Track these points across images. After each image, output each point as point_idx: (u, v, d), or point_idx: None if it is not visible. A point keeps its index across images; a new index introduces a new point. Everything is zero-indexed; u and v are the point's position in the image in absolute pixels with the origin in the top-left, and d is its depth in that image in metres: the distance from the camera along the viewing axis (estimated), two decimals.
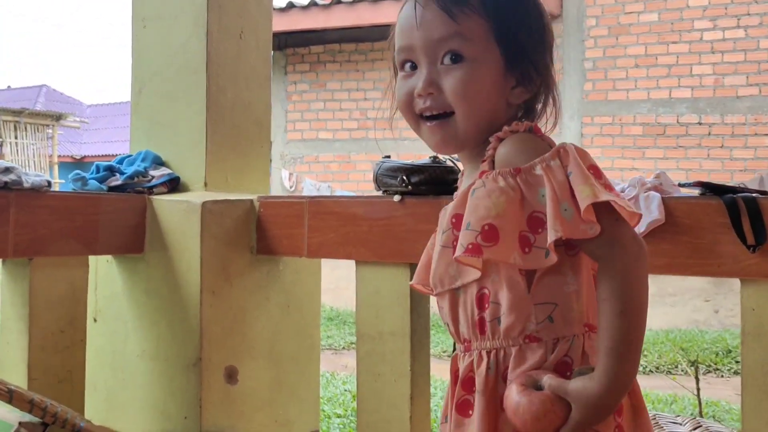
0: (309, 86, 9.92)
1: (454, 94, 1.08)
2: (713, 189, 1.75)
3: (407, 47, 1.12)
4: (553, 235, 0.96)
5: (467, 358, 1.08)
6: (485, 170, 1.06)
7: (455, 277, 1.08)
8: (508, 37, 1.09)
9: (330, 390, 4.79)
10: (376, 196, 2.11)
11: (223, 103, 2.37)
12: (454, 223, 1.07)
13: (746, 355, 1.68)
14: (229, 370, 2.24)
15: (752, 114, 7.82)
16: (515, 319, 1.03)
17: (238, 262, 2.25)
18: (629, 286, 0.96)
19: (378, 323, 2.10)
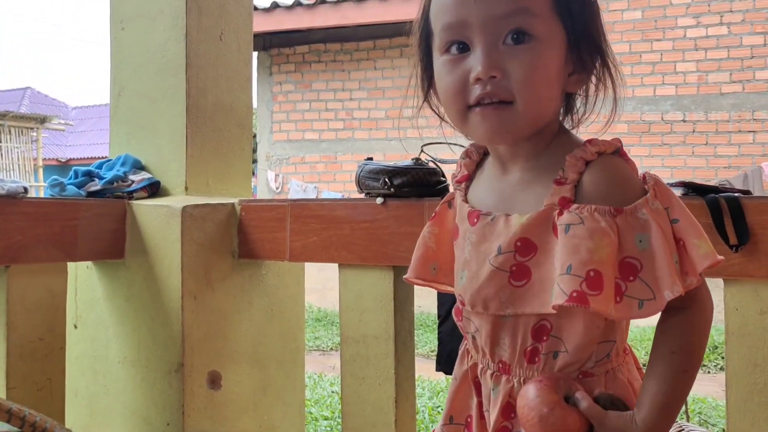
0: (294, 87, 9.88)
1: (520, 80, 0.93)
2: (696, 189, 1.74)
3: (458, 24, 0.95)
4: (674, 292, 0.89)
5: (506, 384, 1.01)
6: (567, 198, 0.94)
7: (506, 304, 0.98)
8: (572, 13, 0.96)
9: (317, 392, 4.77)
10: (359, 199, 2.09)
11: (203, 106, 2.34)
12: (519, 247, 0.96)
13: (730, 354, 1.68)
14: (212, 375, 2.21)
15: (736, 111, 7.85)
16: (578, 358, 0.98)
17: (220, 267, 2.23)
18: (699, 345, 0.94)
19: (361, 326, 2.08)
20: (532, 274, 0.96)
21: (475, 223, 1.02)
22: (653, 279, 0.89)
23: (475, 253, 1.01)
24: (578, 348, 0.97)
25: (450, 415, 1.11)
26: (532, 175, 1.00)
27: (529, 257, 0.95)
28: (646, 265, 0.90)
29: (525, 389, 0.96)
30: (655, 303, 0.89)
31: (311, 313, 8.36)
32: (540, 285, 0.95)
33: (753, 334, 1.64)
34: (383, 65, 9.28)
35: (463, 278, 1.04)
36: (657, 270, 0.89)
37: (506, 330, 1.00)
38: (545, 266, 0.94)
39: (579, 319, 0.96)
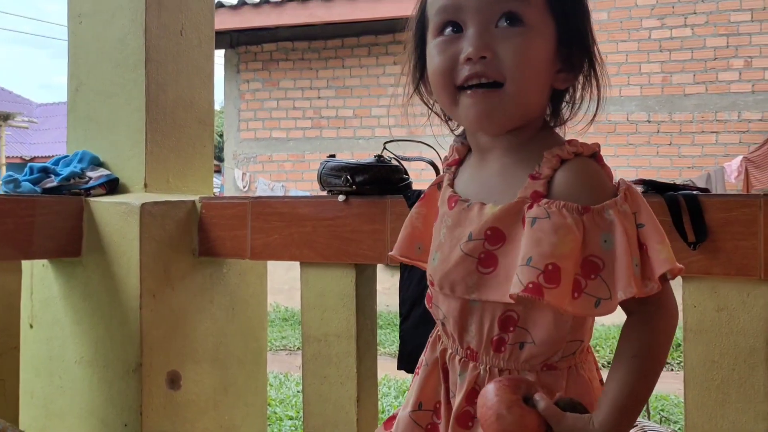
0: (262, 85, 9.82)
1: (511, 62, 0.94)
2: (655, 187, 1.75)
3: (453, 5, 0.97)
4: (627, 293, 0.90)
5: (472, 370, 1.03)
6: (539, 192, 0.96)
7: (472, 289, 0.99)
8: (564, 11, 0.98)
9: (283, 391, 4.73)
10: (321, 196, 2.07)
11: (163, 102, 2.31)
12: (489, 236, 0.98)
13: (688, 351, 1.69)
14: (171, 375, 2.18)
15: (699, 112, 7.96)
16: (543, 352, 1.00)
17: (180, 265, 2.20)
18: (661, 350, 0.95)
19: (323, 325, 2.07)
20: (499, 263, 0.97)
21: (452, 207, 1.04)
22: (611, 279, 0.91)
23: (449, 236, 1.03)
24: (546, 342, 0.99)
25: (419, 402, 1.11)
26: (510, 168, 1.02)
27: (498, 246, 0.97)
28: (608, 265, 0.91)
29: (485, 389, 0.96)
30: (610, 303, 0.91)
31: (278, 312, 8.31)
32: (505, 274, 0.96)
33: (710, 330, 1.65)
34: (351, 63, 9.26)
35: (435, 260, 1.05)
36: (616, 271, 0.91)
37: (473, 317, 1.02)
38: (512, 256, 0.95)
39: (546, 313, 0.97)
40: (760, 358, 1.62)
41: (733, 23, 7.81)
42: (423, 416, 1.10)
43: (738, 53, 7.80)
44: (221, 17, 9.06)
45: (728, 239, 1.61)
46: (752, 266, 1.59)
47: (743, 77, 7.79)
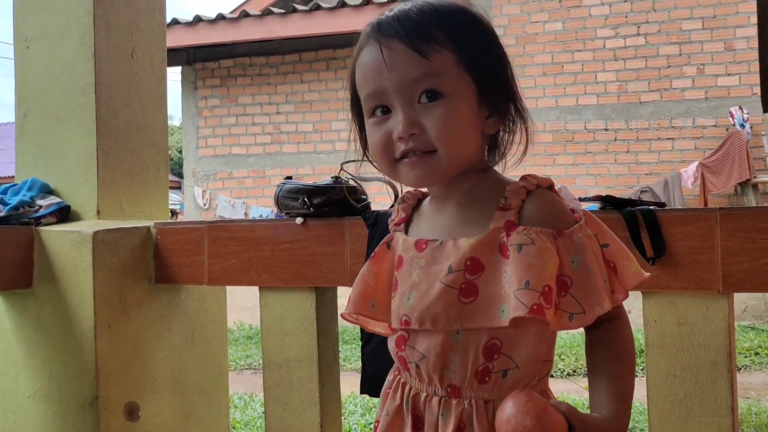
0: (220, 101, 9.74)
1: (437, 133, 1.03)
2: (613, 203, 1.76)
3: (378, 91, 1.06)
4: (600, 310, 0.99)
5: (456, 407, 1.05)
6: (512, 221, 1.03)
7: (455, 320, 1.03)
8: (477, 66, 1.06)
9: (248, 413, 4.66)
10: (278, 219, 2.04)
11: (115, 126, 2.26)
12: (468, 266, 1.03)
13: (650, 366, 1.69)
14: (129, 407, 2.13)
15: (655, 119, 8.07)
16: (525, 376, 1.04)
17: (136, 293, 2.15)
18: (633, 349, 1.06)
19: (284, 350, 2.03)
20: (480, 292, 1.02)
21: (423, 249, 1.09)
22: (583, 295, 0.99)
23: (425, 274, 1.07)
24: (528, 364, 1.04)
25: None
26: (469, 208, 1.09)
27: (478, 276, 1.03)
28: (576, 283, 1.00)
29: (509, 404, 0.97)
30: (584, 317, 0.99)
31: (243, 331, 8.22)
32: (487, 302, 1.01)
33: (672, 345, 1.65)
34: (309, 78, 9.23)
35: (411, 299, 1.08)
36: (588, 288, 0.99)
37: (457, 351, 1.04)
38: (492, 284, 1.02)
39: (529, 335, 1.03)
40: (721, 371, 1.62)
41: (684, 31, 7.95)
42: None
43: (690, 61, 7.94)
44: (177, 34, 8.98)
45: (686, 253, 1.62)
46: (710, 279, 1.59)
47: (696, 84, 7.93)
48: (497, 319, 1.00)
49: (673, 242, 1.63)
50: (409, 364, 1.10)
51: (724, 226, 1.58)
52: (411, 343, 1.08)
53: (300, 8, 8.73)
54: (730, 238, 1.58)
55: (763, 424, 4.01)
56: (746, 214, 1.58)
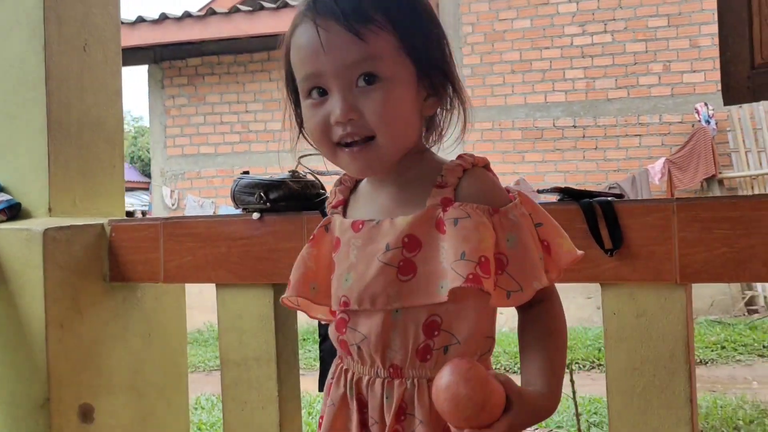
0: (188, 100, 9.64)
1: (376, 117, 1.02)
2: (571, 194, 1.74)
3: (315, 74, 1.04)
4: (538, 285, 1.01)
5: (399, 387, 1.04)
6: (449, 198, 1.04)
7: (394, 298, 1.03)
8: (416, 48, 1.05)
9: (214, 414, 4.60)
10: (234, 215, 2.01)
11: (67, 121, 2.20)
12: (406, 243, 1.03)
13: (610, 359, 1.67)
14: (83, 408, 2.07)
15: (622, 116, 8.12)
16: (467, 351, 1.04)
17: (90, 292, 2.09)
18: (565, 329, 1.08)
19: (242, 348, 1.99)
20: (418, 269, 1.02)
21: (359, 229, 1.09)
22: (520, 273, 1.01)
23: (362, 254, 1.07)
24: (469, 339, 1.04)
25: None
26: (406, 188, 1.09)
27: (415, 253, 1.03)
28: (512, 261, 1.01)
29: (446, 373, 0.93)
30: (522, 294, 1.01)
31: (212, 332, 8.14)
32: (426, 279, 1.01)
33: (631, 337, 1.64)
34: (278, 76, 9.11)
35: (349, 279, 1.07)
36: (524, 265, 1.01)
37: (397, 330, 1.04)
38: (430, 261, 1.02)
39: (469, 309, 1.03)
40: (680, 363, 1.61)
41: (650, 29, 8.01)
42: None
43: (657, 58, 8.00)
44: (142, 32, 8.88)
45: (644, 244, 1.60)
46: (668, 271, 1.58)
47: (663, 81, 8.00)
48: (436, 296, 1.00)
49: (631, 233, 1.61)
50: (350, 347, 1.08)
51: (681, 216, 1.57)
52: (351, 325, 1.08)
53: (268, 6, 8.66)
54: (687, 229, 1.57)
55: (728, 417, 4.04)
56: (702, 204, 1.58)
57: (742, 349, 6.15)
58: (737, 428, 3.81)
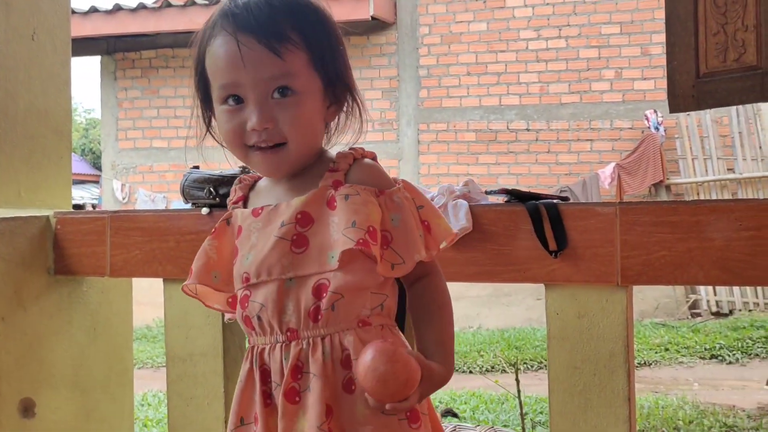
0: (141, 93, 9.52)
1: (289, 127, 1.13)
2: (518, 196, 1.77)
3: (232, 84, 1.14)
4: (418, 257, 1.14)
5: (294, 347, 1.13)
6: (339, 181, 1.16)
7: (288, 268, 1.13)
8: (324, 63, 1.17)
9: (161, 410, 4.56)
10: (183, 210, 1.99)
11: (14, 111, 2.16)
12: (299, 219, 1.14)
13: (552, 358, 1.71)
14: (24, 403, 2.04)
15: (574, 120, 8.26)
16: (354, 305, 1.13)
17: (33, 285, 2.06)
18: (449, 298, 1.21)
19: (188, 344, 1.98)
20: (310, 243, 1.14)
21: (259, 214, 1.19)
22: (403, 248, 1.14)
23: (262, 235, 1.18)
24: (352, 291, 1.12)
25: (240, 417, 1.19)
26: (302, 177, 1.21)
27: (308, 228, 1.14)
28: (396, 238, 1.14)
29: (367, 351, 1.06)
30: (405, 266, 1.14)
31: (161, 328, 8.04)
32: (317, 250, 1.13)
33: (572, 337, 1.67)
34: None
35: (249, 258, 1.18)
36: (406, 242, 1.14)
37: (290, 296, 1.14)
38: (321, 235, 1.13)
39: (355, 271, 1.13)
40: (619, 362, 1.65)
41: (603, 35, 8.15)
42: (245, 430, 1.18)
43: (609, 64, 8.15)
44: (95, 22, 8.74)
45: (587, 246, 1.64)
46: (610, 273, 1.62)
47: (614, 87, 8.15)
48: (326, 265, 1.12)
49: (575, 235, 1.65)
50: (252, 320, 1.17)
51: (624, 219, 1.61)
52: (252, 298, 1.17)
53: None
54: (628, 232, 1.61)
55: (669, 417, 4.14)
56: (644, 208, 1.62)
57: (684, 351, 6.31)
58: (677, 428, 3.91)
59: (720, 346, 6.30)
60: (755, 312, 7.57)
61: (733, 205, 1.58)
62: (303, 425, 1.09)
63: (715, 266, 1.56)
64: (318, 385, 1.09)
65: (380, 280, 1.15)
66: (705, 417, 4.12)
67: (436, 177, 8.07)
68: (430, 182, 7.76)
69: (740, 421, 4.06)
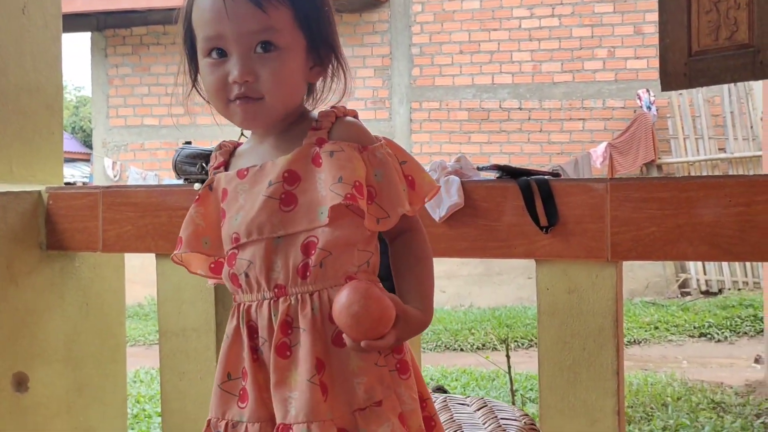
0: (132, 70, 9.45)
1: (269, 82, 1.14)
2: (510, 172, 1.78)
3: (216, 36, 1.15)
4: (402, 210, 1.15)
5: (283, 303, 1.14)
6: (323, 138, 1.17)
7: (278, 227, 1.14)
8: (309, 23, 1.17)
9: (154, 387, 4.58)
10: (176, 185, 2.00)
11: (4, 86, 2.16)
12: (286, 178, 1.15)
13: (542, 333, 1.73)
14: (17, 377, 2.05)
15: (567, 99, 8.25)
16: (342, 262, 1.14)
17: (25, 260, 2.06)
18: (430, 252, 1.23)
19: (181, 319, 2.00)
20: (299, 200, 1.15)
21: (244, 175, 1.20)
22: (387, 202, 1.15)
23: (249, 195, 1.18)
24: (340, 248, 1.14)
25: (227, 372, 1.19)
26: (285, 136, 1.21)
27: (295, 186, 1.15)
28: (380, 193, 1.15)
29: (344, 292, 1.08)
30: (389, 220, 1.15)
31: (153, 306, 8.05)
32: (306, 208, 1.14)
33: (562, 312, 1.69)
34: None
35: (237, 218, 1.18)
36: (390, 196, 1.15)
37: (279, 254, 1.15)
38: (309, 192, 1.15)
39: (344, 228, 1.14)
40: (608, 337, 1.67)
41: (596, 14, 8.13)
42: (233, 385, 1.19)
43: (602, 43, 8.13)
44: None
45: (578, 222, 1.65)
46: (600, 248, 1.63)
47: (607, 66, 8.14)
48: (316, 221, 1.13)
49: (566, 211, 1.66)
50: (240, 277, 1.18)
51: (614, 195, 1.62)
52: (240, 256, 1.18)
53: None
54: (619, 208, 1.62)
55: (658, 393, 4.18)
56: (634, 184, 1.63)
57: (674, 330, 6.36)
58: (665, 404, 3.95)
59: (709, 325, 6.36)
60: (744, 291, 7.62)
61: (723, 181, 1.59)
62: (295, 378, 1.11)
63: (704, 242, 1.57)
64: (308, 340, 1.11)
65: (367, 235, 1.17)
66: (693, 394, 4.17)
67: (428, 156, 8.06)
68: (423, 161, 7.57)
69: (728, 397, 4.11)
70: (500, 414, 1.36)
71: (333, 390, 1.11)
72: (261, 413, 1.15)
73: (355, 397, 1.10)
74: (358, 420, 1.10)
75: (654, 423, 3.63)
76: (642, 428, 3.59)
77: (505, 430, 1.28)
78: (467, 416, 1.39)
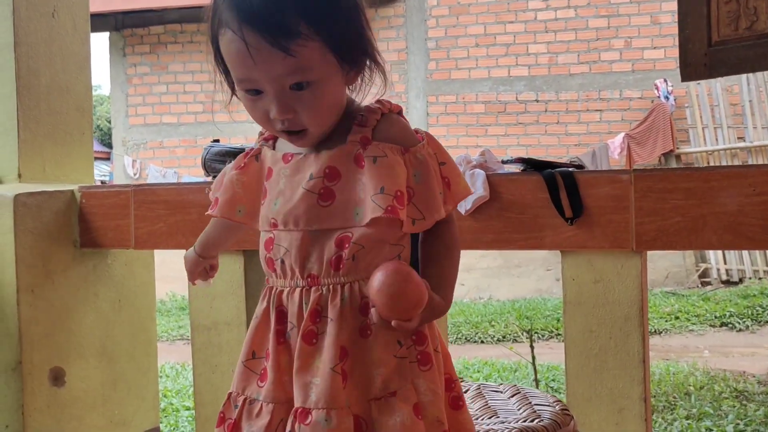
0: (150, 68, 9.53)
1: (308, 117, 1.14)
2: (534, 165, 1.81)
3: (248, 79, 1.14)
4: (438, 217, 1.18)
5: (315, 292, 1.17)
6: (367, 137, 1.17)
7: (314, 221, 1.16)
8: (339, 44, 1.14)
9: (179, 382, 4.65)
10: (206, 183, 2.04)
11: (36, 87, 2.21)
12: (327, 174, 1.16)
13: (568, 322, 1.75)
14: (54, 372, 2.11)
15: (584, 91, 8.24)
16: (373, 256, 1.16)
17: (60, 258, 2.12)
18: (459, 243, 1.26)
19: (212, 313, 2.04)
20: (336, 197, 1.16)
21: (289, 161, 1.21)
22: (423, 204, 1.17)
23: (290, 183, 1.20)
24: (373, 242, 1.16)
25: (252, 351, 1.22)
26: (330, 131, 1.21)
27: (335, 183, 1.17)
28: (418, 194, 1.17)
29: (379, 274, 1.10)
30: (425, 222, 1.18)
31: (175, 302, 8.14)
32: (343, 206, 1.16)
33: (588, 302, 1.72)
34: None
35: (277, 204, 1.21)
36: (427, 199, 1.18)
37: (315, 246, 1.17)
38: (348, 191, 1.16)
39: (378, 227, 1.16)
40: (634, 326, 1.70)
41: (613, 4, 8.10)
42: (256, 363, 1.21)
43: (618, 34, 8.11)
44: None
45: (602, 213, 1.68)
46: (624, 239, 1.66)
47: (624, 57, 8.11)
48: (351, 221, 1.15)
49: (591, 203, 1.69)
50: (275, 262, 1.21)
51: (638, 186, 1.65)
52: (277, 242, 1.21)
53: None
54: (643, 199, 1.65)
55: (680, 383, 4.19)
56: (658, 175, 1.65)
57: (694, 320, 6.35)
58: (688, 393, 3.97)
59: (730, 314, 6.34)
60: (765, 280, 7.59)
61: (746, 171, 1.61)
62: (317, 365, 1.13)
63: (728, 231, 1.60)
64: (334, 329, 1.13)
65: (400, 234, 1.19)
66: (716, 383, 4.18)
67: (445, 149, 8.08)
68: None
69: (750, 386, 4.11)
70: (533, 400, 1.40)
71: (352, 378, 1.13)
72: (277, 395, 1.17)
73: (372, 386, 1.13)
74: (372, 409, 1.13)
75: (677, 412, 3.64)
76: (666, 417, 3.61)
77: (540, 415, 1.31)
78: (502, 402, 1.42)
